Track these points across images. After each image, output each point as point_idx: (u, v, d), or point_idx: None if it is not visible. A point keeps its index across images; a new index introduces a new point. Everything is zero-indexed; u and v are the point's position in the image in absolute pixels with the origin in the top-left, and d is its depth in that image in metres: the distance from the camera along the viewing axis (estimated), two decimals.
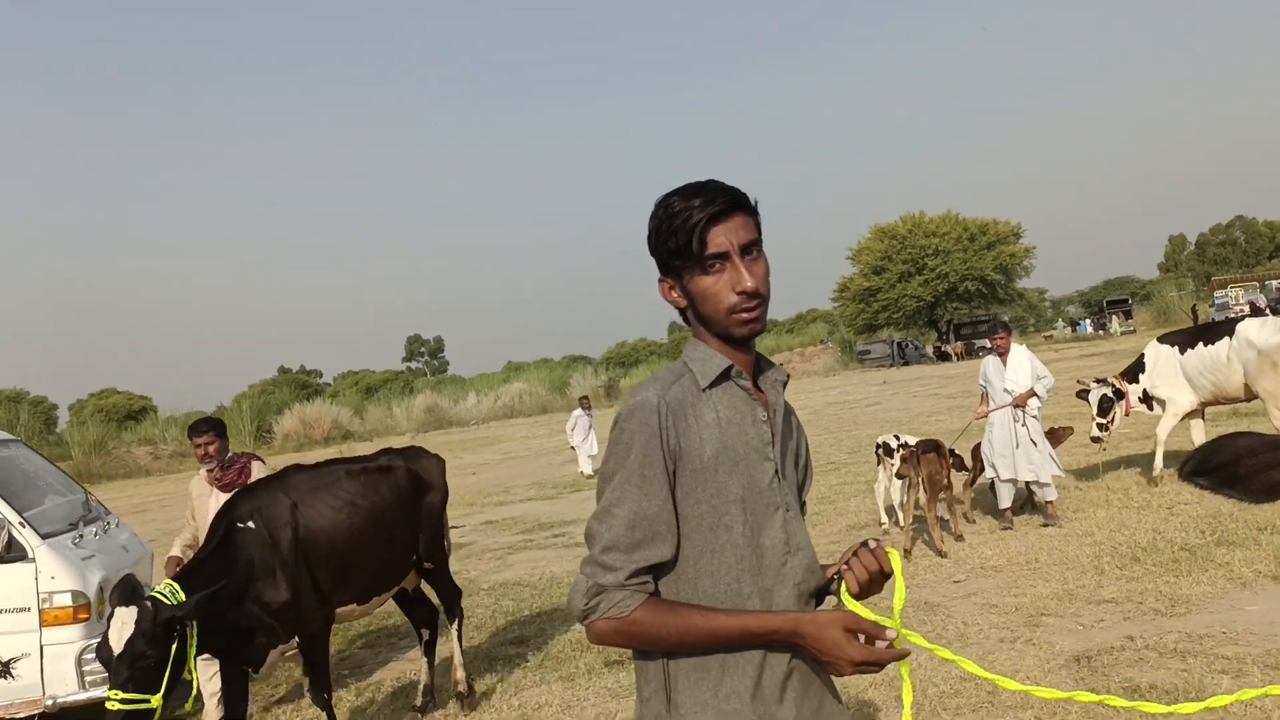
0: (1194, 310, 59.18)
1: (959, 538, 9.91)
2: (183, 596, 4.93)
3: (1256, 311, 51.33)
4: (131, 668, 4.59)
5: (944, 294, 66.58)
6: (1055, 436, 10.89)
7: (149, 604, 4.74)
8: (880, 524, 11.06)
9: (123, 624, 4.63)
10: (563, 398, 54.87)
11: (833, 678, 2.11)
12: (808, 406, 31.77)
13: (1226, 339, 10.92)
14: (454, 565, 9.08)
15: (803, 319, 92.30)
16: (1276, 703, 4.86)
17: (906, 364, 57.33)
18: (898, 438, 10.93)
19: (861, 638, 1.94)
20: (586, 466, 20.75)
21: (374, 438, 46.23)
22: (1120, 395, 11.47)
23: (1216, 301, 53.92)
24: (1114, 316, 65.02)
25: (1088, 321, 69.84)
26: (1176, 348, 11.30)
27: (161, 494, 30.45)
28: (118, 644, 4.60)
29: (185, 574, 5.22)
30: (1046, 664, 6.00)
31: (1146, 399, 11.47)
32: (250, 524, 5.53)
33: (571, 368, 69.62)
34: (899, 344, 61.13)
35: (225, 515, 5.58)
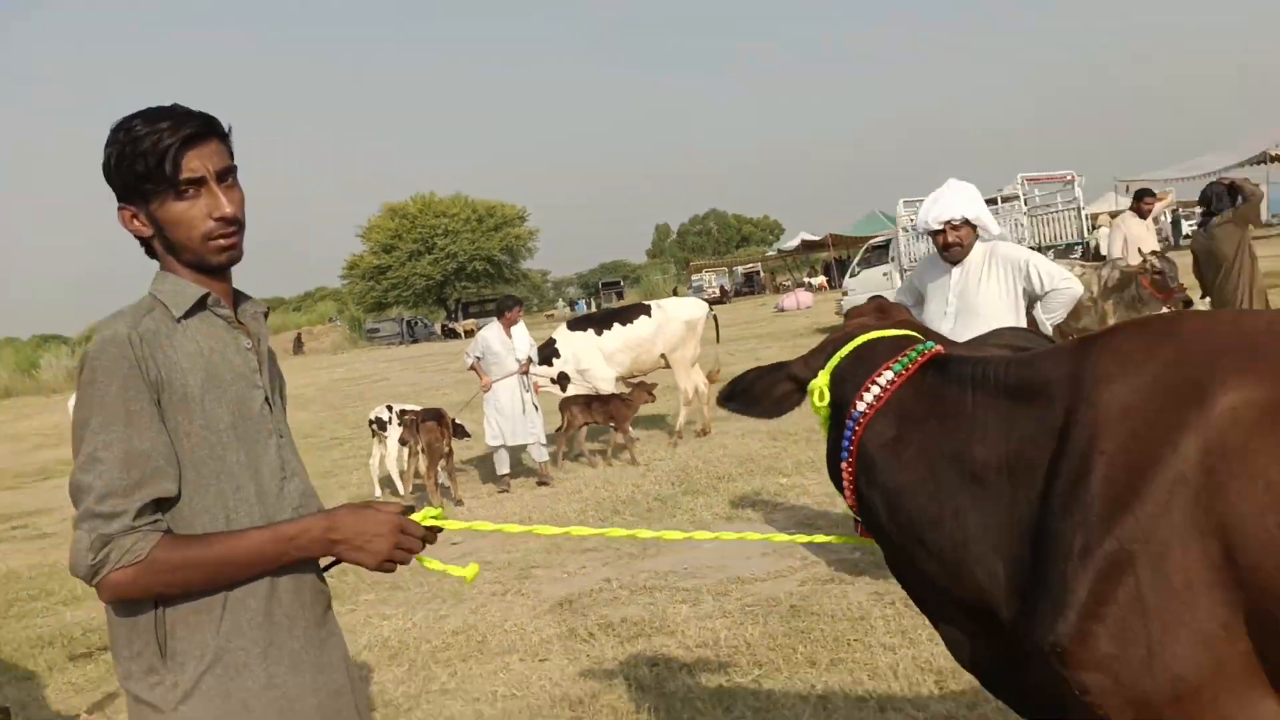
0: (675, 291, 65.77)
1: (459, 503, 10.18)
2: None
3: (724, 293, 58.28)
4: None
5: (453, 273, 67.94)
6: (634, 398, 11.36)
7: None
8: (376, 496, 11.04)
9: None
10: (32, 379, 48.59)
11: None
12: (314, 384, 30.89)
13: (644, 317, 12.39)
14: None
15: (311, 297, 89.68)
16: (724, 625, 5.50)
17: (416, 341, 57.70)
18: (390, 409, 10.97)
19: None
20: None
21: None
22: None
23: (693, 284, 60.14)
24: (609, 297, 70.16)
25: (584, 302, 74.81)
26: (592, 330, 12.51)
27: None
28: None
29: None
30: (533, 610, 6.33)
31: (562, 380, 12.35)
32: None
33: (43, 347, 61.85)
34: (409, 322, 61.39)
35: None
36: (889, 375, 2.22)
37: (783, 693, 4.52)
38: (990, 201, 22.83)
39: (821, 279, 53.06)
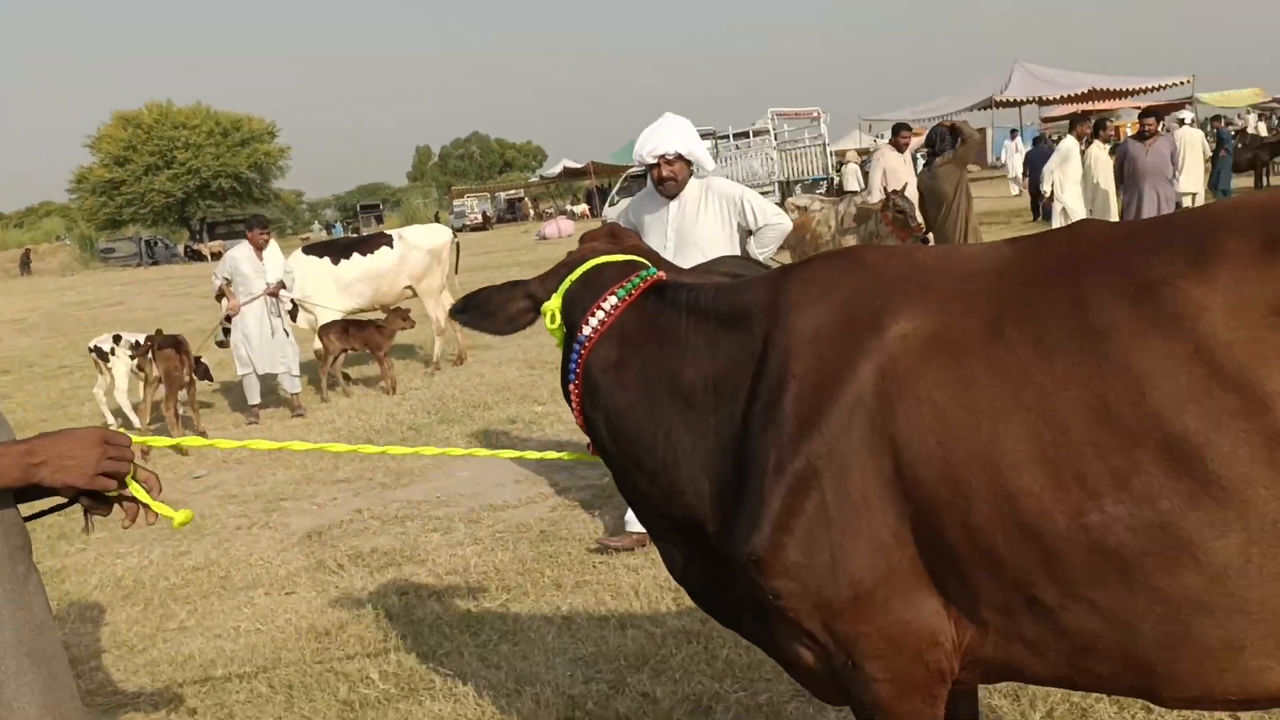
0: (437, 216, 64.42)
1: (202, 434, 9.74)
2: None
3: (486, 220, 57.60)
4: None
5: (196, 190, 63.69)
6: (390, 324, 10.99)
7: None
8: (108, 425, 10.42)
9: None
10: None
11: None
12: (40, 308, 28.50)
13: (385, 248, 12.10)
14: None
15: (34, 213, 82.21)
16: (475, 552, 5.59)
17: (156, 263, 54.06)
18: (118, 338, 10.28)
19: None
20: None
21: None
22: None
23: (455, 209, 59.07)
24: (368, 221, 67.88)
25: (341, 225, 72.08)
26: (329, 258, 11.92)
27: None
28: None
29: None
30: (280, 543, 6.21)
31: (292, 310, 11.31)
32: None
33: None
34: (148, 242, 57.35)
35: None
36: (613, 300, 2.32)
37: (529, 615, 4.66)
38: (741, 135, 23.65)
39: (584, 207, 53.33)
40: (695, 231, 5.17)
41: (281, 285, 10.30)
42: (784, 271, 2.23)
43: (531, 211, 61.29)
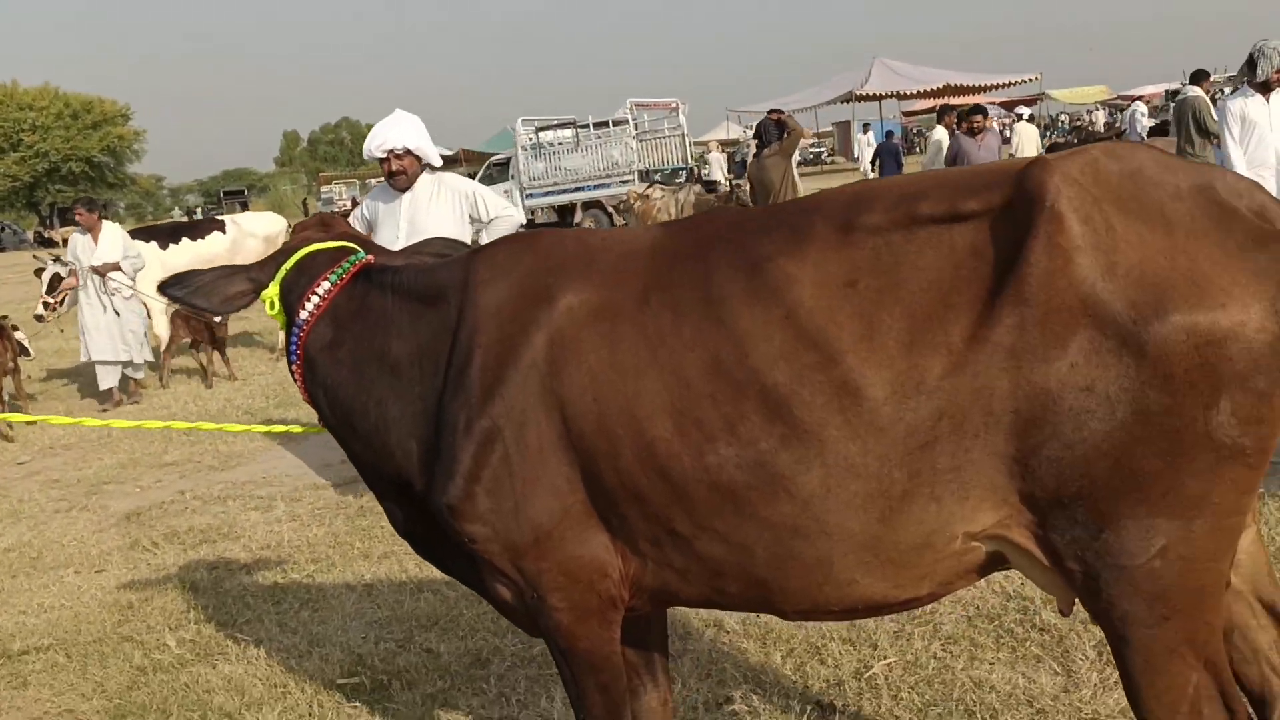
0: (304, 204, 62.97)
1: (31, 423, 9.56)
2: None
3: (355, 205, 56.63)
4: None
5: (45, 174, 60.92)
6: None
7: None
8: None
9: None
10: None
11: None
12: None
13: (218, 233, 12.24)
14: None
15: None
16: (291, 528, 5.74)
17: (3, 249, 51.64)
18: None
19: None
20: None
21: None
22: (73, 274, 11.34)
23: (323, 196, 57.84)
24: (232, 206, 65.94)
25: (202, 210, 69.83)
26: (155, 243, 11.81)
27: None
28: None
29: None
30: (98, 525, 6.25)
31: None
32: None
33: None
34: None
35: None
36: (326, 285, 2.56)
37: (333, 584, 4.85)
38: (601, 125, 23.91)
39: None
40: (427, 223, 5.35)
41: (115, 266, 10.02)
42: (474, 253, 2.51)
43: None
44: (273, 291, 2.63)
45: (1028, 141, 17.26)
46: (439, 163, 5.64)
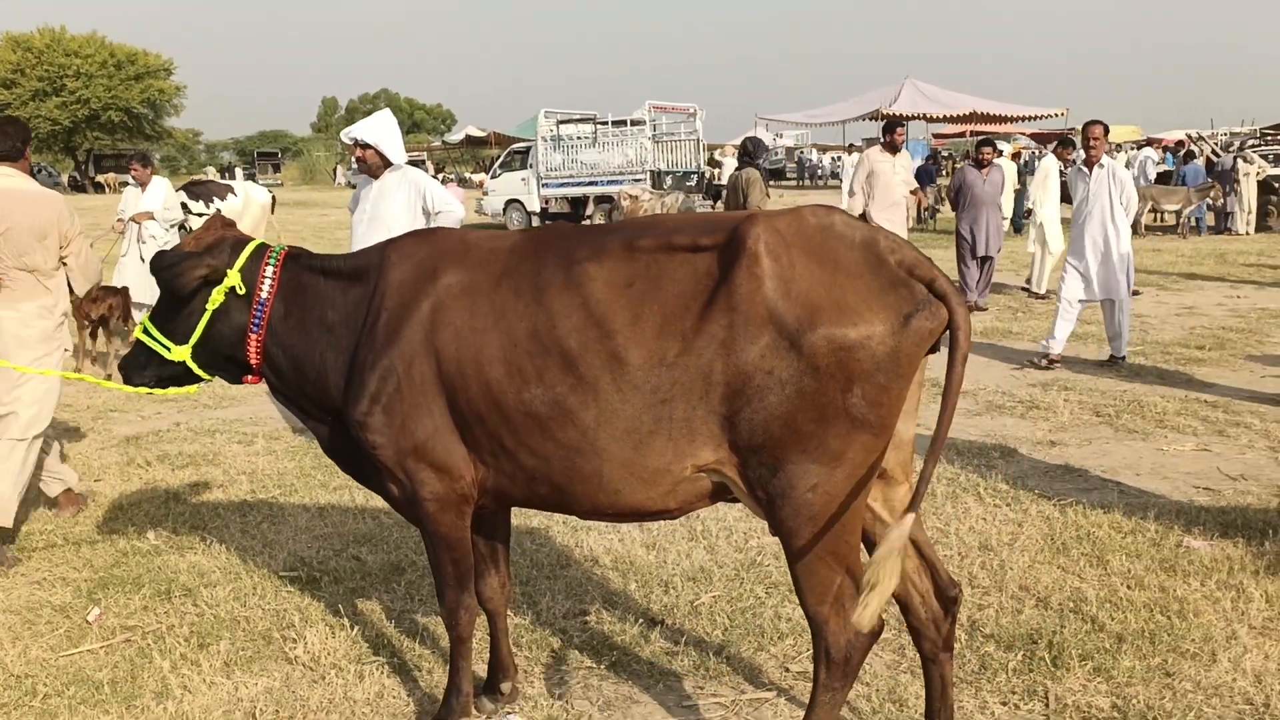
0: (335, 170, 64.22)
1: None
2: None
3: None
4: None
5: (85, 121, 62.15)
6: None
7: None
8: None
9: None
10: None
11: None
12: None
13: (232, 196, 13.02)
14: None
15: None
16: (267, 460, 6.62)
17: None
18: None
19: None
20: None
21: None
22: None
23: (355, 165, 58.88)
24: (265, 168, 67.14)
25: (240, 170, 71.05)
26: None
27: None
28: None
29: None
30: (101, 444, 7.18)
31: None
32: None
33: None
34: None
35: None
36: (270, 270, 3.40)
37: (293, 505, 5.74)
38: (620, 123, 24.78)
39: (484, 176, 53.76)
40: (385, 207, 6.39)
41: (149, 216, 10.77)
42: (389, 243, 3.38)
43: (435, 174, 61.46)
44: (235, 277, 3.40)
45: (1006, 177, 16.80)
46: (401, 159, 6.50)
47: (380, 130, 6.41)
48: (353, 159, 6.49)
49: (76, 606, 4.47)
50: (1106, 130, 9.18)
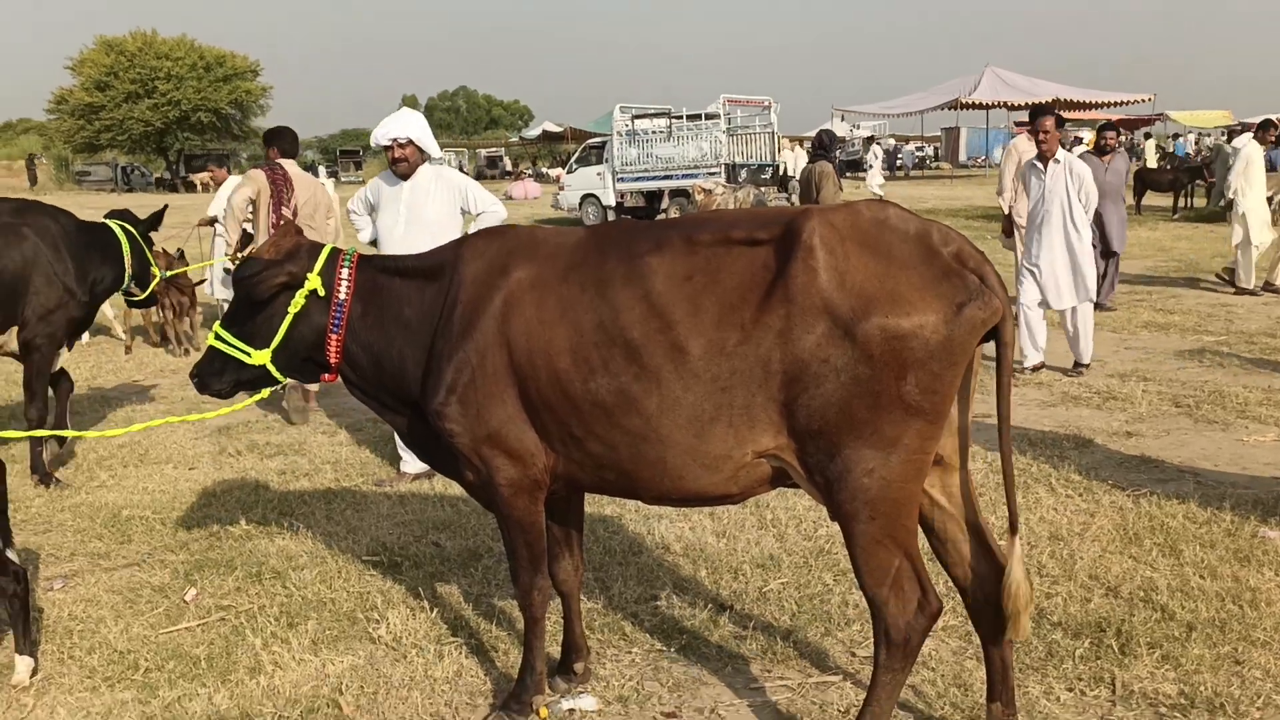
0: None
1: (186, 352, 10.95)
2: None
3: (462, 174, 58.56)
4: None
5: (175, 122, 64.00)
6: None
7: None
8: None
9: None
10: None
11: None
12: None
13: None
14: None
15: (11, 129, 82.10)
16: (350, 450, 6.86)
17: (131, 190, 54.68)
18: None
19: None
20: None
21: None
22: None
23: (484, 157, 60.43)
24: (347, 166, 68.41)
25: (323, 169, 72.52)
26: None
27: None
28: None
29: None
30: (195, 434, 7.48)
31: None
32: None
33: None
34: (124, 169, 57.94)
35: None
36: (346, 273, 3.56)
37: (375, 493, 5.96)
38: (694, 117, 24.83)
39: (560, 171, 54.20)
40: (424, 209, 6.04)
41: (210, 221, 11.14)
42: (461, 241, 3.53)
43: (513, 169, 62.26)
44: (315, 280, 3.50)
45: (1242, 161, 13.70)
46: (438, 154, 6.31)
47: (419, 125, 6.08)
48: (389, 160, 6.06)
49: (174, 587, 4.72)
50: (1060, 122, 8.26)
